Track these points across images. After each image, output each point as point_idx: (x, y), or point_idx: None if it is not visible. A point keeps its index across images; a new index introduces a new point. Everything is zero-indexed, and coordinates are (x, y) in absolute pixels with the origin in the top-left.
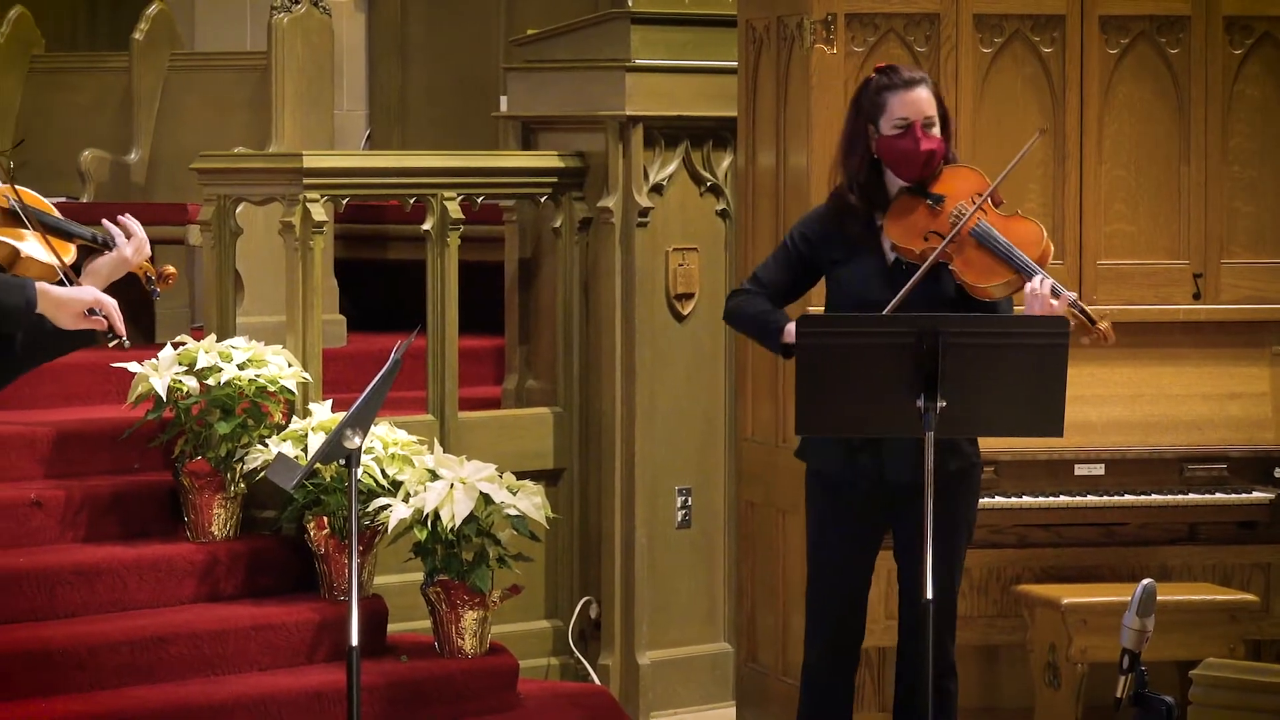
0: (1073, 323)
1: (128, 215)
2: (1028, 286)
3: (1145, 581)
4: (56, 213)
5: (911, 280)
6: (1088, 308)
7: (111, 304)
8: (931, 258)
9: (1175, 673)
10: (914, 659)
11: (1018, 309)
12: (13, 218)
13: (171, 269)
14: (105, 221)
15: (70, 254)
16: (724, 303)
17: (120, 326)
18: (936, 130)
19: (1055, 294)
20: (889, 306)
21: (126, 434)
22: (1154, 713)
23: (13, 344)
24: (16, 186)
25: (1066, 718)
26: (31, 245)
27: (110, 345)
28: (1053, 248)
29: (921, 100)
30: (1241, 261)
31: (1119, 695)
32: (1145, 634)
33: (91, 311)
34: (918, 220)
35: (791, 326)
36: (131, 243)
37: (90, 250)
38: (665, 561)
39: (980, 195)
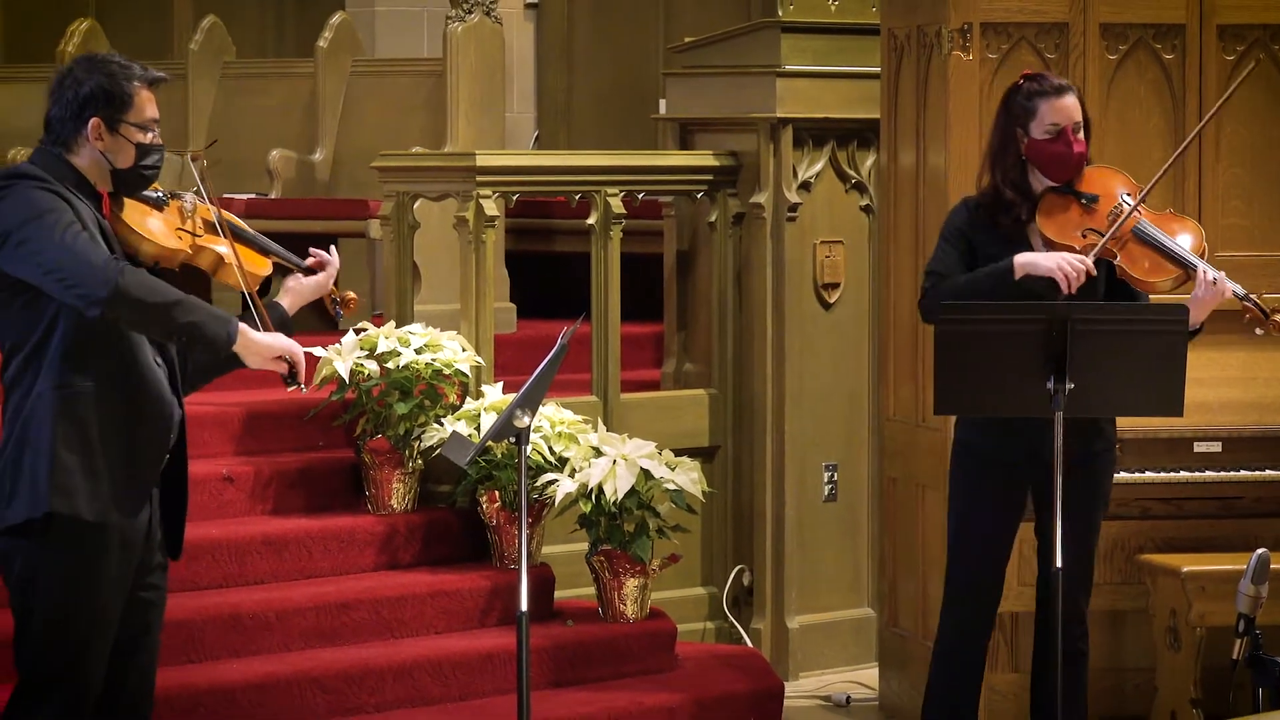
0: (1246, 316)
1: (328, 250)
2: (1200, 279)
3: (1260, 551)
4: (251, 230)
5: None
6: (1260, 300)
7: (301, 356)
8: (1094, 252)
9: None
10: (1050, 623)
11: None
12: (215, 230)
13: (353, 294)
14: (313, 250)
15: (267, 268)
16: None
17: (303, 375)
18: (1082, 135)
19: (1216, 278)
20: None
21: (312, 414)
22: (1268, 673)
23: (185, 365)
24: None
25: (1186, 678)
26: (231, 256)
27: (289, 389)
28: (1206, 245)
29: (1071, 107)
30: None
31: (1235, 657)
32: (1260, 600)
33: (281, 359)
34: (1073, 218)
35: (1017, 259)
36: (331, 270)
37: (286, 270)
38: (813, 533)
39: (1135, 194)
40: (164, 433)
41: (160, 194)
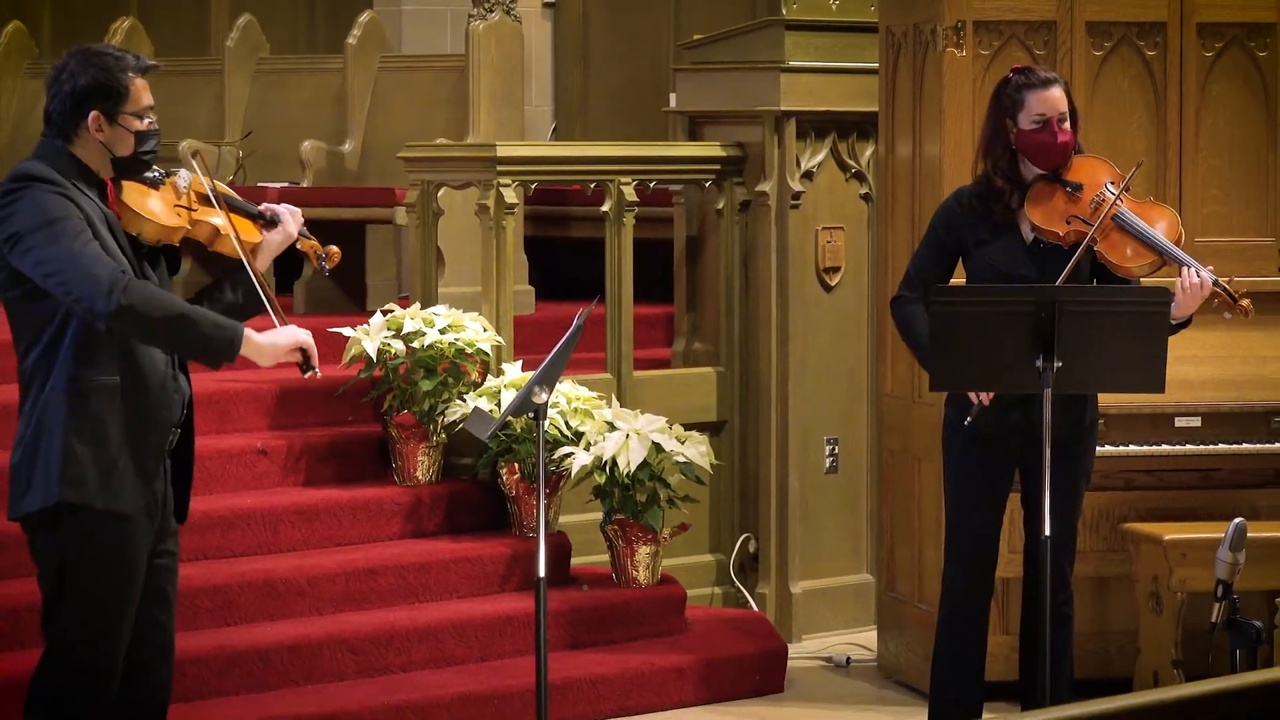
0: (1215, 300)
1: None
2: (1181, 277)
3: (1237, 520)
4: (240, 199)
5: (1074, 258)
6: (1229, 286)
7: (312, 344)
8: (1086, 240)
9: (1264, 601)
10: (1037, 588)
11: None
12: (209, 202)
13: (335, 248)
14: (264, 206)
15: (258, 236)
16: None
17: (316, 361)
18: (1068, 125)
19: (1200, 276)
20: (1061, 279)
21: (341, 390)
22: (1244, 635)
23: None
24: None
25: (1168, 640)
26: (227, 226)
27: (306, 376)
28: (1184, 231)
29: (1056, 98)
30: None
31: (1214, 620)
32: (1237, 566)
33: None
34: (1058, 205)
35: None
36: (294, 220)
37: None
38: (815, 503)
39: (1117, 183)
40: (171, 418)
41: (157, 173)
